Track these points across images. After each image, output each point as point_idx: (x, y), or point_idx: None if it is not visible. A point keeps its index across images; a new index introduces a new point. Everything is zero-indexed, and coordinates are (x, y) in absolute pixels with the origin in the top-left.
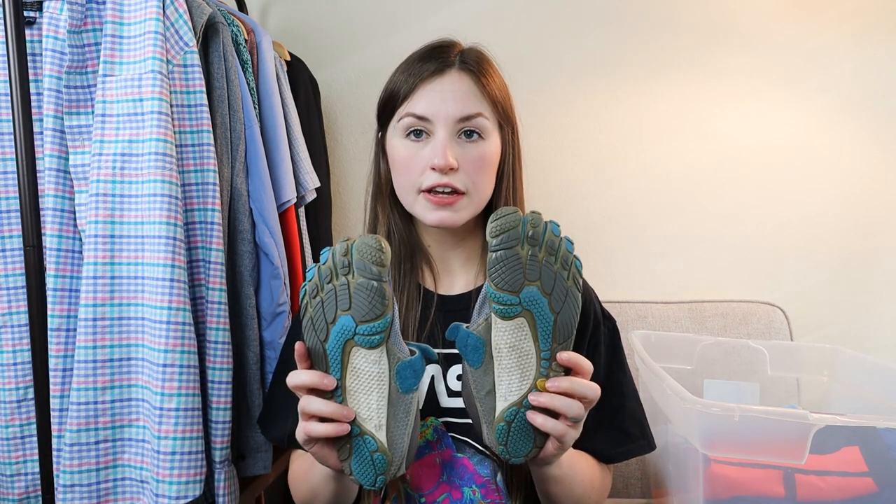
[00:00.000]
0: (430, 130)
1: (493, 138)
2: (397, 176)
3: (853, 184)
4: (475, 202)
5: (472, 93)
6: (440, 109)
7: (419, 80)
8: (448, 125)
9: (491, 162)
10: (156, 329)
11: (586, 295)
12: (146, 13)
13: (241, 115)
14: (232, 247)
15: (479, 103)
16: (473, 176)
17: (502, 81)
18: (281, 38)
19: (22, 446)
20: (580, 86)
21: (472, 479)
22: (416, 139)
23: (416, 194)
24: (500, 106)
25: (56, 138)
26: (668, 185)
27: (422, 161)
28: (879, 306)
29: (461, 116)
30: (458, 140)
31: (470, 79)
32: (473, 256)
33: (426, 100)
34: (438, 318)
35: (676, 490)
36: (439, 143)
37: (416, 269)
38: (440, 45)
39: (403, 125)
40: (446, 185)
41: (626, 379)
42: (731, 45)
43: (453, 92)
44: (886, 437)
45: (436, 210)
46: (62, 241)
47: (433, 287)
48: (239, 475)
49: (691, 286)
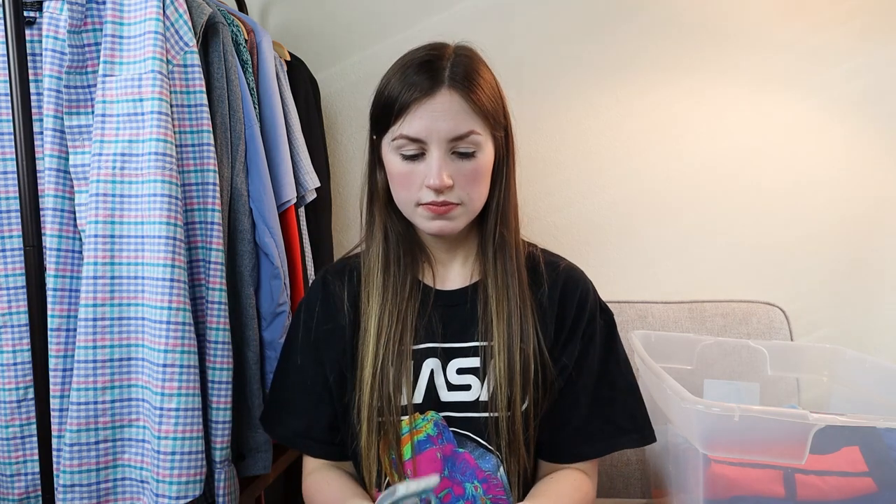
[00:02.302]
0: (424, 148)
1: (487, 148)
2: (396, 189)
3: (853, 184)
4: (470, 210)
5: (462, 111)
6: (432, 131)
7: (411, 100)
8: (441, 144)
9: (485, 173)
10: (156, 329)
11: (582, 285)
12: (146, 13)
13: (241, 115)
14: (232, 247)
15: (470, 120)
16: (468, 188)
17: (492, 86)
18: (281, 38)
19: (22, 446)
20: (580, 86)
21: (473, 473)
22: (411, 161)
23: (415, 207)
24: (492, 117)
25: (56, 138)
26: (668, 184)
27: (418, 178)
28: (879, 306)
29: (454, 136)
30: (453, 157)
31: (460, 96)
32: (470, 254)
33: (418, 121)
34: (436, 311)
35: (676, 490)
36: (434, 164)
37: (416, 263)
38: (429, 58)
39: (397, 145)
40: (442, 202)
41: (620, 371)
42: (731, 46)
43: (445, 112)
44: (886, 437)
45: (434, 220)
46: (62, 241)
47: (431, 282)
48: (239, 475)
49: (691, 286)
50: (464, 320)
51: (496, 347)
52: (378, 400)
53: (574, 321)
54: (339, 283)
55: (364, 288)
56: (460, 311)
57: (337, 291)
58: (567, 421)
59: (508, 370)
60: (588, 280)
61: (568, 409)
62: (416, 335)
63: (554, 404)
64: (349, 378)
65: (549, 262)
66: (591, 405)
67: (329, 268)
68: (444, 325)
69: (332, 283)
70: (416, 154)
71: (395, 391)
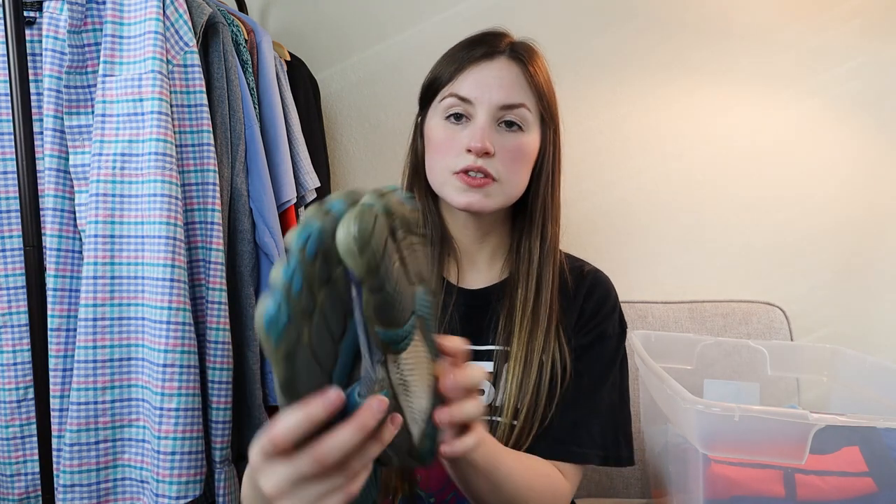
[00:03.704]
0: (470, 114)
1: (534, 132)
2: (432, 156)
3: (853, 184)
4: (507, 191)
5: (518, 82)
6: (484, 93)
7: (467, 62)
8: (490, 110)
9: (528, 154)
10: (156, 329)
11: (605, 286)
12: (146, 13)
13: (241, 115)
14: (232, 247)
15: (524, 93)
16: (508, 164)
17: (549, 77)
18: (281, 38)
19: (22, 446)
20: (580, 87)
21: None
22: (455, 122)
23: (449, 175)
24: (546, 100)
25: (56, 138)
26: (668, 185)
27: (459, 143)
28: (879, 306)
29: (504, 104)
30: (498, 128)
31: (518, 68)
32: (499, 251)
33: (471, 81)
34: (457, 311)
35: (676, 490)
36: (478, 127)
37: (442, 258)
38: (491, 32)
39: (445, 105)
40: (480, 168)
41: (612, 386)
42: (731, 46)
43: (500, 78)
44: (886, 437)
45: (466, 192)
46: (62, 241)
47: (455, 280)
48: (239, 475)
49: (691, 286)
50: (484, 323)
51: (514, 355)
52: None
53: (591, 314)
54: None
55: None
56: (482, 313)
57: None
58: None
59: (522, 380)
60: (612, 284)
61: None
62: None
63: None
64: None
65: (573, 267)
66: (580, 408)
67: None
68: (462, 326)
69: None
70: (461, 115)
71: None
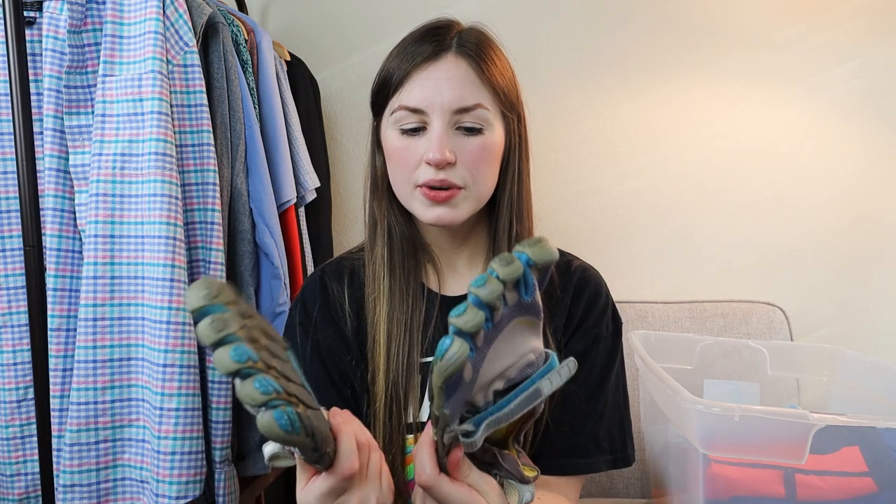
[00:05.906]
0: (425, 122)
1: (496, 128)
2: (392, 170)
3: (853, 184)
4: (475, 196)
5: (470, 80)
6: (435, 99)
7: (412, 67)
8: (444, 116)
9: (493, 153)
10: (156, 329)
11: (595, 283)
12: (146, 13)
13: (241, 115)
14: (232, 247)
15: (478, 92)
16: (472, 169)
17: (506, 65)
18: (281, 38)
19: (22, 446)
20: (580, 86)
21: None
22: (410, 135)
23: (412, 189)
24: (503, 93)
25: (56, 138)
26: (668, 184)
27: (416, 154)
28: (879, 306)
29: (459, 107)
30: (456, 132)
31: (468, 64)
32: (478, 255)
33: (419, 89)
34: (441, 320)
35: (676, 490)
36: (434, 136)
37: (420, 266)
38: (436, 25)
39: (396, 118)
40: (442, 181)
41: (617, 385)
42: (731, 46)
43: (449, 80)
44: (886, 437)
45: (432, 207)
46: (62, 241)
47: (437, 287)
48: (239, 475)
49: (691, 286)
50: None
51: None
52: (389, 417)
53: (582, 317)
54: (339, 286)
55: (370, 293)
56: None
57: (336, 295)
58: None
59: None
60: (602, 281)
61: (559, 413)
62: (422, 347)
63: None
64: (359, 392)
65: (560, 262)
66: (582, 417)
67: (326, 267)
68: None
69: (331, 285)
70: (416, 128)
71: (404, 408)
